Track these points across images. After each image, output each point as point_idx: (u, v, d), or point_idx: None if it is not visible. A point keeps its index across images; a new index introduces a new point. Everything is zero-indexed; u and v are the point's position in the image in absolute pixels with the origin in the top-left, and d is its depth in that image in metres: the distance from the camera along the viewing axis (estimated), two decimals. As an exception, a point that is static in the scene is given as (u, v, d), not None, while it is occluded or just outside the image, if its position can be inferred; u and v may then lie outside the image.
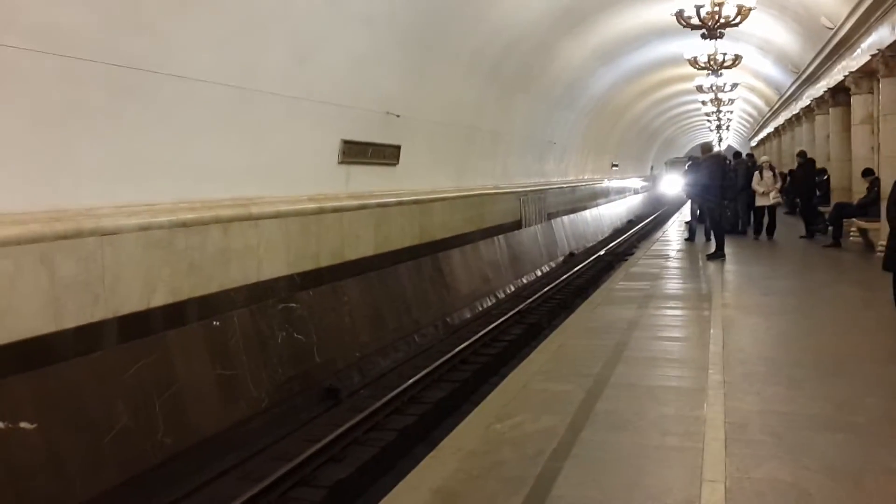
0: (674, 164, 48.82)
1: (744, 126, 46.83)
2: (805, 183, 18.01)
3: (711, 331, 7.92)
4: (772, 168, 17.80)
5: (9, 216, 6.14)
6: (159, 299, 7.61)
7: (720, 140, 43.52)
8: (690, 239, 17.27)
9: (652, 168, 50.85)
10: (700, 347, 7.30)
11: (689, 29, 13.80)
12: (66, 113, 6.65)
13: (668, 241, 18.54)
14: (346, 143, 10.98)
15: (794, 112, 24.43)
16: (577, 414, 5.33)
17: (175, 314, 7.83)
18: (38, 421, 6.14)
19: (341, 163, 11.07)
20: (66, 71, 6.46)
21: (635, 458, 4.58)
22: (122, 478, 6.66)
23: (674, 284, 11.73)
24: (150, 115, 7.53)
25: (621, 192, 38.85)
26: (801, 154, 19.65)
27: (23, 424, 6.02)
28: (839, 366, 6.50)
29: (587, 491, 4.12)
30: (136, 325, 7.29)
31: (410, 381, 9.99)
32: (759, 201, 17.05)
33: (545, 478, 4.25)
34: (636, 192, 44.75)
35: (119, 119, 7.18)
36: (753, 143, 42.42)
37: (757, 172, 17.10)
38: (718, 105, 29.70)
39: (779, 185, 17.42)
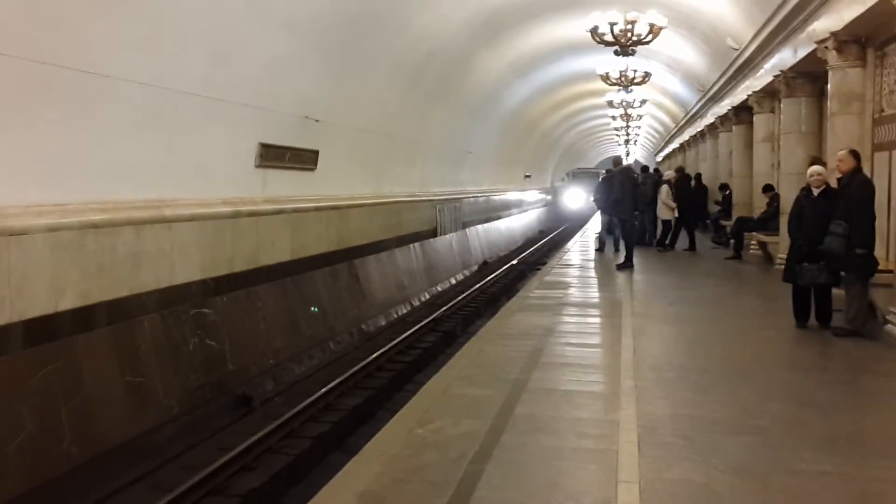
0: (577, 175, 46.73)
1: (650, 141, 48.17)
2: (681, 196, 18.58)
3: (623, 338, 8.14)
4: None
5: None
6: (68, 302, 7.37)
7: (627, 154, 44.36)
8: (601, 250, 17.69)
9: (561, 179, 48.85)
10: (612, 354, 7.50)
11: (603, 45, 14.24)
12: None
13: (578, 251, 18.94)
14: (263, 146, 10.85)
15: (699, 129, 25.31)
16: (497, 418, 5.41)
17: (84, 318, 7.59)
18: (-64, 429, 5.87)
19: (259, 166, 10.93)
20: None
21: (554, 459, 4.68)
22: (26, 487, 6.40)
23: (586, 293, 12.00)
24: (62, 112, 7.28)
25: (533, 203, 39.35)
26: (679, 169, 20.31)
27: (-82, 432, 5.74)
28: (744, 372, 6.79)
29: (508, 492, 4.19)
30: (42, 329, 7.03)
31: (325, 388, 9.92)
32: (667, 215, 17.58)
33: (468, 480, 4.31)
34: (546, 203, 44.79)
35: (30, 115, 6.92)
36: (659, 158, 43.70)
37: (667, 186, 17.60)
38: (627, 120, 30.60)
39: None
